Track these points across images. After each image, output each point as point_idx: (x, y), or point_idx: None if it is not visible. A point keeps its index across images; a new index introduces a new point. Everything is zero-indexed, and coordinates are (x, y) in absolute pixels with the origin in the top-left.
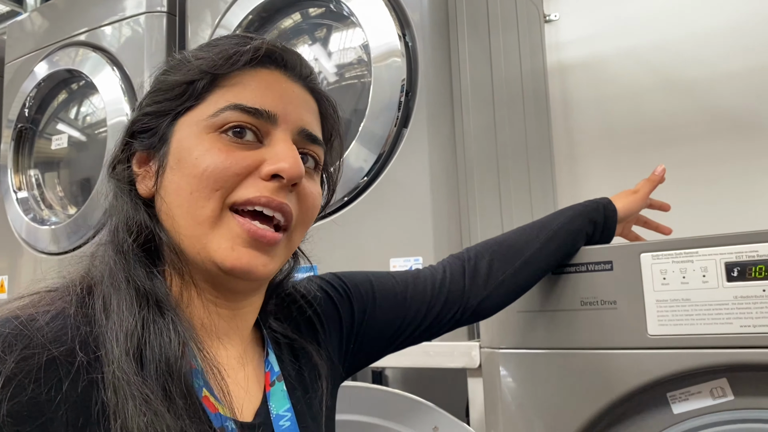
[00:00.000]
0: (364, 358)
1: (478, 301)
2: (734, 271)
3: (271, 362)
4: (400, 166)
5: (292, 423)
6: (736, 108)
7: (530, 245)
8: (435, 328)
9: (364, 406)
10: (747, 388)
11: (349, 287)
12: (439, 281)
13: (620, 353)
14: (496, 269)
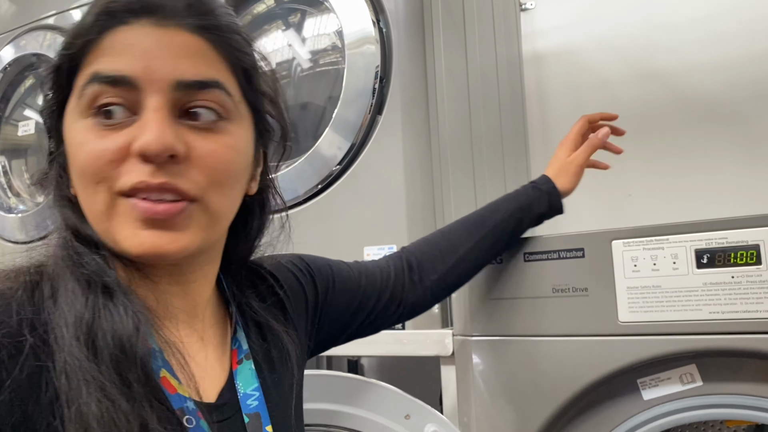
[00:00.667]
0: (323, 341)
1: (415, 297)
2: (704, 258)
3: (240, 339)
4: (375, 154)
5: (260, 402)
6: (709, 98)
7: (465, 243)
8: (380, 320)
9: (334, 395)
10: (715, 373)
11: (312, 268)
12: (386, 276)
13: (591, 340)
14: (429, 267)
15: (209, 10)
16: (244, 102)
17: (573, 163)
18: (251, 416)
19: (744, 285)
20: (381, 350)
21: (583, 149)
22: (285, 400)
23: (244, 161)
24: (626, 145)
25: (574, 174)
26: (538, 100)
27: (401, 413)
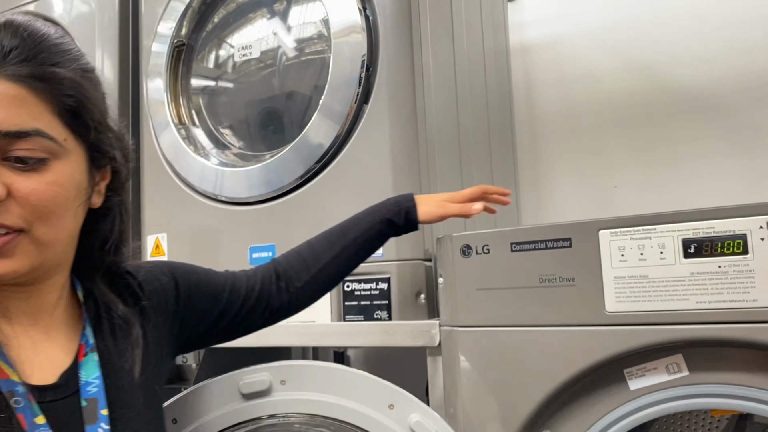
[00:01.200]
0: (192, 339)
1: (281, 302)
2: (691, 247)
3: (87, 335)
4: (361, 144)
5: (99, 389)
6: (694, 89)
7: (327, 253)
8: (248, 323)
9: (318, 384)
10: (701, 363)
11: (177, 276)
12: (252, 284)
13: (578, 330)
14: (293, 278)
15: (32, 56)
16: (72, 137)
17: (441, 209)
18: (89, 401)
19: (731, 274)
20: (368, 341)
21: (457, 207)
22: (129, 391)
23: (69, 193)
24: (612, 137)
25: (435, 215)
26: (525, 92)
27: (385, 403)
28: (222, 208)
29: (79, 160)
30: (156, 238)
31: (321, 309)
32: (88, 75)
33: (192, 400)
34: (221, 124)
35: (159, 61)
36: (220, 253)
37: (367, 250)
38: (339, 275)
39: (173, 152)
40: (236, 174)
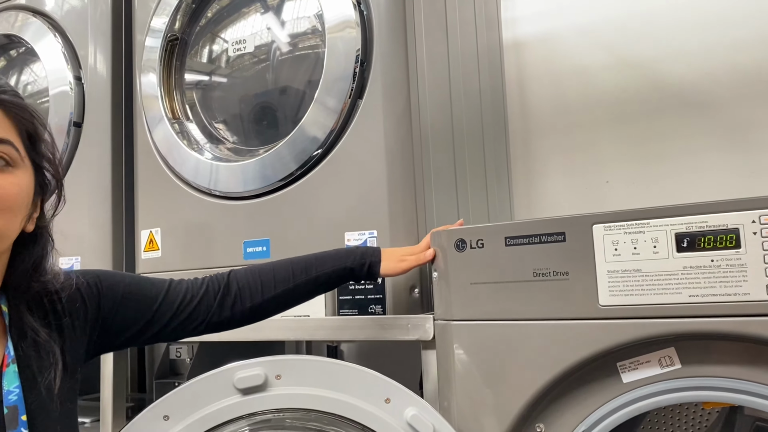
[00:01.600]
0: (113, 346)
1: (221, 320)
2: (684, 241)
3: (9, 348)
4: (355, 138)
5: (19, 397)
6: (686, 85)
7: (285, 283)
8: (180, 332)
9: (314, 379)
10: (694, 356)
11: (102, 286)
12: (191, 296)
13: (572, 324)
14: (245, 298)
15: (3, 91)
16: (28, 158)
17: (401, 264)
18: (10, 408)
19: (723, 268)
20: (362, 335)
21: (414, 259)
22: (47, 399)
23: (25, 199)
24: (604, 132)
25: (395, 270)
26: (518, 87)
27: (381, 397)
28: (216, 203)
29: (31, 179)
30: (150, 232)
31: (315, 303)
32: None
33: (185, 396)
34: (215, 118)
35: (152, 56)
36: (214, 247)
37: (323, 290)
38: (288, 306)
39: (167, 147)
40: (230, 168)
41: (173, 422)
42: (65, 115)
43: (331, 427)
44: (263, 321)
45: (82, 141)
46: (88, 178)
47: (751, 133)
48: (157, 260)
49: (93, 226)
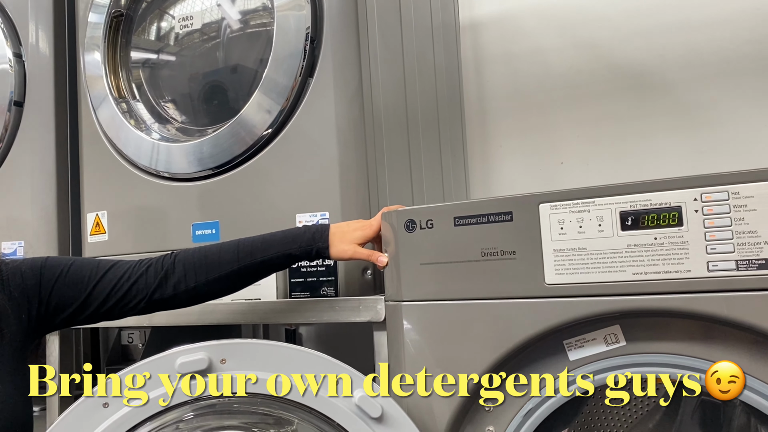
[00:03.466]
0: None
1: (163, 297)
2: (628, 220)
3: None
4: (306, 118)
5: None
6: (639, 67)
7: (230, 265)
8: (120, 309)
9: (261, 362)
10: (638, 333)
11: (45, 267)
12: (129, 274)
13: (519, 302)
14: (189, 278)
15: None
16: None
17: (351, 251)
18: None
19: (666, 246)
20: (314, 317)
21: (367, 254)
22: None
23: None
24: (559, 114)
25: (345, 256)
26: (474, 68)
27: None
28: (164, 185)
29: None
30: (96, 215)
31: (266, 286)
32: None
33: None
34: (163, 98)
35: (96, 33)
36: (163, 230)
37: (268, 273)
38: (234, 288)
39: (113, 127)
40: (178, 149)
41: (113, 409)
42: (5, 94)
43: (281, 412)
44: (213, 305)
45: (23, 121)
46: (31, 160)
47: (700, 114)
48: (104, 244)
49: (37, 209)
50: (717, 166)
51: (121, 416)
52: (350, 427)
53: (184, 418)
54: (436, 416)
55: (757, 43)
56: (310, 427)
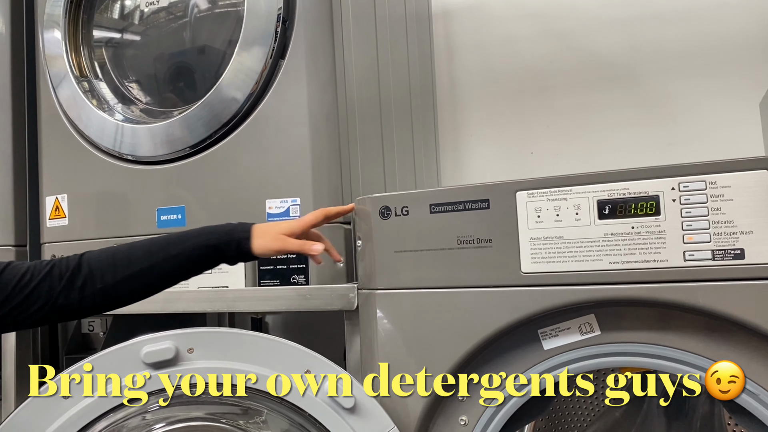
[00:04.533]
0: None
1: (69, 302)
2: (606, 208)
3: None
4: (277, 101)
5: None
6: (609, 58)
7: (142, 261)
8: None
9: (229, 351)
10: (612, 323)
11: None
12: (30, 276)
13: (494, 291)
14: (95, 277)
15: None
16: None
17: (279, 243)
18: None
19: (643, 235)
20: (284, 306)
21: (298, 244)
22: None
23: None
24: (530, 104)
25: (271, 250)
26: (447, 56)
27: (301, 369)
28: (127, 168)
29: None
30: (55, 199)
31: (234, 273)
32: None
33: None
34: (127, 78)
35: (56, 11)
36: (126, 215)
37: (187, 271)
38: (147, 291)
39: (73, 107)
40: (143, 131)
41: (73, 401)
42: None
43: (249, 402)
44: (179, 292)
45: None
46: None
47: (668, 106)
48: (64, 229)
49: None
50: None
51: (80, 409)
52: (323, 418)
53: (149, 408)
54: (409, 406)
55: (723, 39)
56: (279, 417)
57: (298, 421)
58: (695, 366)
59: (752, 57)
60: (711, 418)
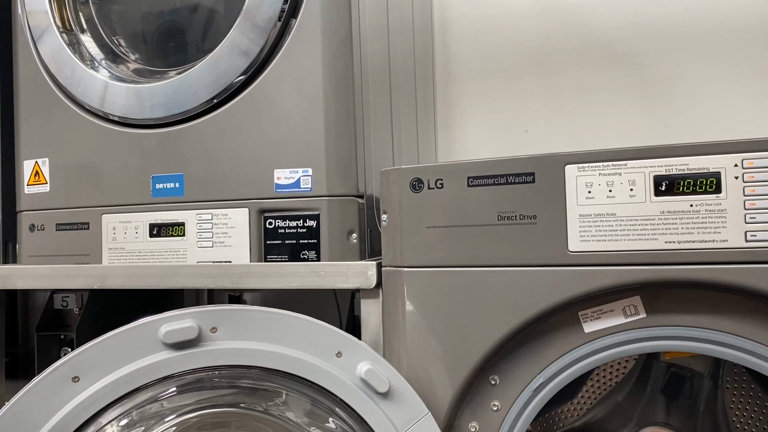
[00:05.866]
0: None
1: None
2: (662, 185)
3: None
4: (288, 63)
5: None
6: (608, 37)
7: None
8: None
9: (255, 331)
10: (659, 305)
11: None
12: None
13: (537, 270)
14: None
15: None
16: None
17: None
18: None
19: (702, 214)
20: (295, 282)
21: None
22: None
23: None
24: (525, 81)
25: None
26: (441, 29)
27: (332, 351)
28: (119, 131)
29: None
30: (35, 163)
31: (238, 247)
32: None
33: (98, 354)
34: (116, 34)
35: None
36: (117, 182)
37: None
38: None
39: (56, 62)
40: (137, 91)
41: (84, 384)
42: None
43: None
44: (178, 267)
45: None
46: None
47: (666, 88)
48: (45, 196)
49: None
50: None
51: (92, 393)
52: (355, 403)
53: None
54: (437, 392)
55: (725, 20)
56: (300, 398)
57: (322, 401)
58: (744, 350)
59: (759, 38)
60: (714, 401)
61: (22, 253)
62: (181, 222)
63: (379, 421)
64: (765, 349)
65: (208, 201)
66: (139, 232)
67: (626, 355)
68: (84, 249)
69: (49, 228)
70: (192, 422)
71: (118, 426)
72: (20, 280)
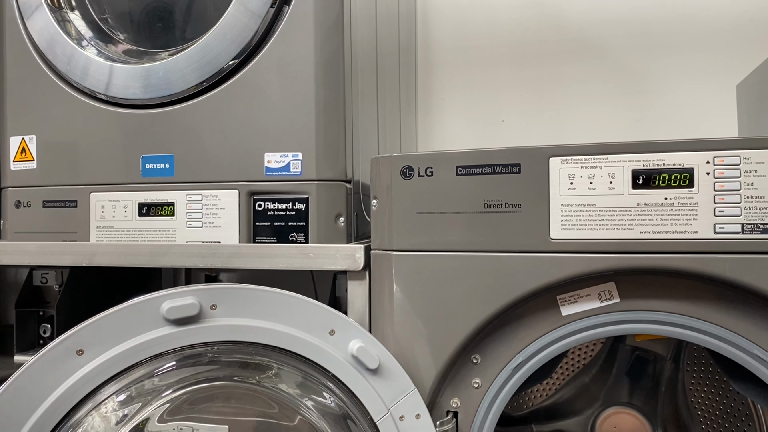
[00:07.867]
0: None
1: None
2: (640, 178)
3: None
4: (281, 48)
5: None
6: (586, 30)
7: None
8: None
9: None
10: (632, 291)
11: None
12: None
13: (521, 256)
14: None
15: None
16: None
17: None
18: None
19: (676, 206)
20: (284, 264)
21: None
22: None
23: None
24: (503, 72)
25: None
26: (422, 16)
27: (326, 328)
28: (109, 110)
29: None
30: (21, 140)
31: (227, 228)
32: None
33: (102, 328)
34: (105, 13)
35: None
36: (105, 161)
37: None
38: None
39: (45, 40)
40: (129, 71)
41: (88, 357)
42: None
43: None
44: (167, 246)
45: None
46: None
47: (640, 83)
48: (32, 173)
49: None
50: (651, 135)
51: (97, 365)
52: (347, 379)
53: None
54: (422, 370)
55: (701, 18)
56: (292, 370)
57: (314, 374)
58: (708, 333)
59: (729, 38)
60: (675, 383)
61: (7, 229)
62: (171, 202)
63: (368, 395)
64: (728, 333)
65: (199, 182)
66: (128, 210)
67: (600, 336)
68: (71, 226)
69: (35, 205)
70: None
71: (115, 402)
72: (6, 256)
